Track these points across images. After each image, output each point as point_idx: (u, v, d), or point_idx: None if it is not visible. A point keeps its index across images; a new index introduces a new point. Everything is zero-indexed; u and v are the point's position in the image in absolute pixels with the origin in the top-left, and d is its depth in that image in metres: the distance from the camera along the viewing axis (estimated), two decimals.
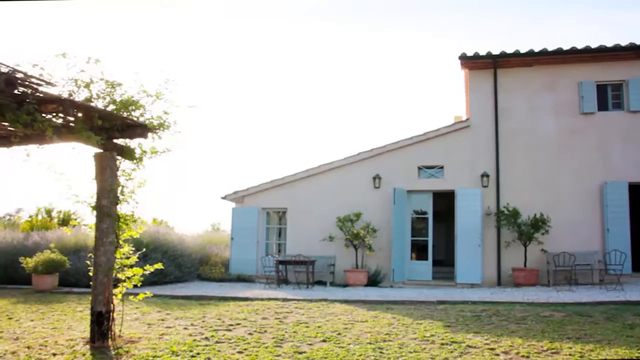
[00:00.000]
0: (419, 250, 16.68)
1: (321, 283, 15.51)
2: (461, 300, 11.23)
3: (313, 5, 56.72)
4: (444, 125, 16.22)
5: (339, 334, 7.73)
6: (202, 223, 42.79)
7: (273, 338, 7.46)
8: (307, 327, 8.32)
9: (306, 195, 16.80)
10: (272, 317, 9.34)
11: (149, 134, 7.44)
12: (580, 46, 15.33)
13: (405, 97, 49.74)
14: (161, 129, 7.42)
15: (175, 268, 15.49)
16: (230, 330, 8.12)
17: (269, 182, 17.15)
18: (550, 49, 15.46)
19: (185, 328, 8.25)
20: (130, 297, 7.91)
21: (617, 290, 12.40)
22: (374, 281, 15.33)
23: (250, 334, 7.80)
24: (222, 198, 17.53)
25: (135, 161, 7.58)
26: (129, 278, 7.55)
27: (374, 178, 16.17)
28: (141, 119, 7.30)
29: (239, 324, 8.58)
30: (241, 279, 16.27)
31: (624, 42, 15.17)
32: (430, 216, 16.21)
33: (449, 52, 52.82)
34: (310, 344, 7.08)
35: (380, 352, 6.55)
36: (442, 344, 6.92)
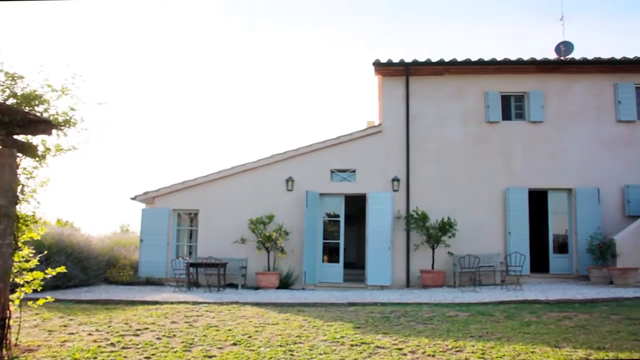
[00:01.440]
0: (330, 253, 16.87)
1: (233, 286, 15.35)
2: (371, 302, 11.44)
3: (231, 5, 56.20)
4: (356, 130, 16.51)
5: (249, 337, 7.68)
6: (110, 224, 41.30)
7: (182, 342, 7.30)
8: (217, 330, 8.20)
9: (219, 196, 16.58)
10: (181, 320, 9.14)
11: (54, 131, 7.07)
12: (487, 58, 16.09)
13: (320, 101, 50.23)
14: (67, 125, 7.06)
15: (80, 271, 14.81)
16: (137, 335, 7.87)
17: (180, 183, 16.78)
18: (459, 59, 16.12)
19: (90, 334, 7.91)
20: (30, 303, 7.49)
21: (517, 290, 13.08)
22: (285, 283, 15.35)
23: (158, 338, 7.60)
24: (132, 199, 16.96)
25: (37, 159, 7.18)
26: (28, 282, 7.13)
27: (287, 181, 16.20)
28: (45, 115, 6.93)
29: (147, 329, 8.33)
30: (150, 282, 15.81)
31: (526, 57, 16.07)
32: (342, 219, 16.43)
33: (365, 57, 53.78)
34: (220, 348, 6.99)
35: (291, 355, 6.55)
36: (351, 345, 7.02)
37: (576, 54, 17.11)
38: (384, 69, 16.45)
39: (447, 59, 16.12)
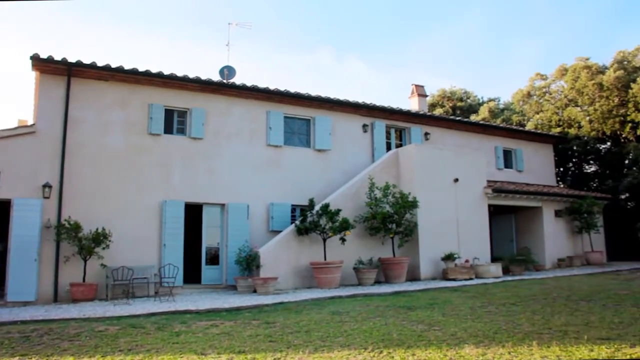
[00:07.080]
0: None
1: None
2: (9, 321, 10.31)
3: None
4: (4, 128, 14.80)
5: None
6: None
7: None
8: None
9: None
10: None
11: None
12: (154, 70, 16.20)
13: None
14: None
15: None
16: None
17: None
18: (127, 67, 15.85)
19: None
20: None
21: (169, 301, 13.34)
22: None
23: None
24: None
25: None
26: None
27: None
28: None
29: None
30: None
31: (192, 75, 16.72)
32: None
33: (26, 50, 48.68)
34: None
35: None
36: None
37: (238, 79, 18.47)
38: (44, 65, 15.14)
39: (114, 65, 15.70)
